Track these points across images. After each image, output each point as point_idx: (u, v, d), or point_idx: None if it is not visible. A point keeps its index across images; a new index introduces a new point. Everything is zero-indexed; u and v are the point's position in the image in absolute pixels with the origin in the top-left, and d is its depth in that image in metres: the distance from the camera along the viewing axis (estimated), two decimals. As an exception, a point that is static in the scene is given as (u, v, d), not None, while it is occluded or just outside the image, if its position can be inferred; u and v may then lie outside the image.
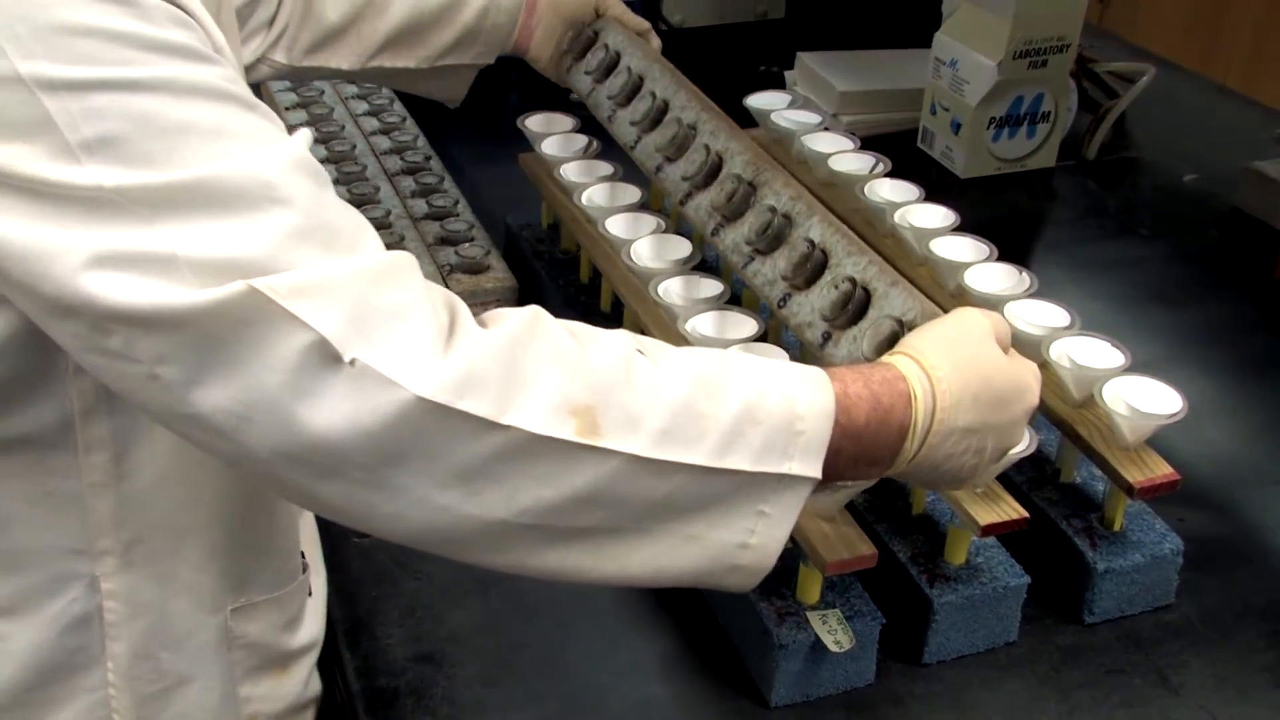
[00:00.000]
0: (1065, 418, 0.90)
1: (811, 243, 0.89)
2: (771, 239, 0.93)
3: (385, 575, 0.92)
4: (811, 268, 0.88)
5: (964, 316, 0.73)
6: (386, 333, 0.57)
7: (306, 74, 1.16)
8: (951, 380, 0.69)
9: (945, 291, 1.01)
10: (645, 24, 1.22)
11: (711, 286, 0.99)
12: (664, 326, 0.99)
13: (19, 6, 0.53)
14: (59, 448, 0.67)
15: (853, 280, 0.84)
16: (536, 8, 1.18)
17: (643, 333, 1.03)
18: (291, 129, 0.61)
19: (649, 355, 0.64)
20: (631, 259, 1.03)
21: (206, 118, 0.56)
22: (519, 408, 0.59)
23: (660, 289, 0.99)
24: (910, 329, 0.78)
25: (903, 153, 1.29)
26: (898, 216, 1.06)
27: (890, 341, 0.78)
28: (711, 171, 1.02)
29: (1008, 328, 0.75)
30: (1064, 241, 1.40)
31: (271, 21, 1.10)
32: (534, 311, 0.63)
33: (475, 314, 0.62)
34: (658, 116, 1.10)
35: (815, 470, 0.65)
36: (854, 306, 0.84)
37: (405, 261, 0.60)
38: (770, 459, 0.64)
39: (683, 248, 1.04)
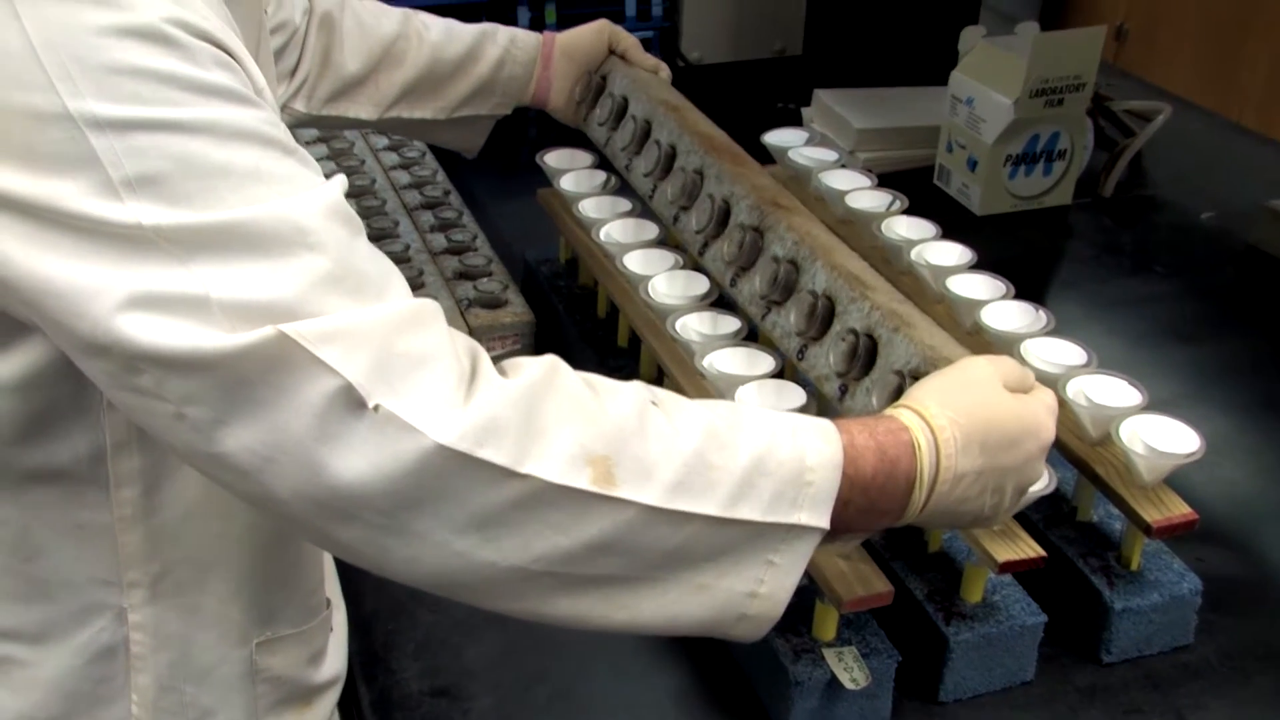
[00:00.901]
0: (1082, 456, 0.91)
1: (815, 294, 0.90)
2: (783, 289, 0.93)
3: (401, 609, 0.92)
4: (820, 319, 0.89)
5: (967, 364, 0.75)
6: (410, 380, 0.58)
7: (326, 123, 1.19)
8: (953, 428, 0.70)
9: (962, 329, 1.02)
10: (654, 61, 1.24)
11: (729, 323, 1.00)
12: (681, 363, 1.00)
13: (72, 47, 0.54)
14: (91, 481, 0.68)
15: (855, 332, 0.85)
16: (552, 59, 1.21)
17: (660, 369, 1.04)
18: (328, 174, 0.63)
19: (663, 407, 0.66)
20: (649, 295, 1.04)
21: (245, 160, 0.58)
22: (537, 457, 0.60)
23: (678, 325, 1.00)
24: (915, 377, 0.79)
25: (919, 190, 1.30)
26: (914, 254, 1.07)
27: (897, 394, 0.79)
28: (721, 219, 1.03)
29: (1019, 370, 0.76)
30: (1081, 279, 1.41)
31: (293, 71, 1.13)
32: (552, 361, 0.64)
33: (493, 351, 0.63)
34: (667, 164, 1.11)
35: (823, 521, 0.66)
36: (862, 357, 0.85)
37: (430, 309, 0.62)
38: (780, 510, 0.65)
39: (701, 284, 1.05)
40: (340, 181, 0.62)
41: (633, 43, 1.24)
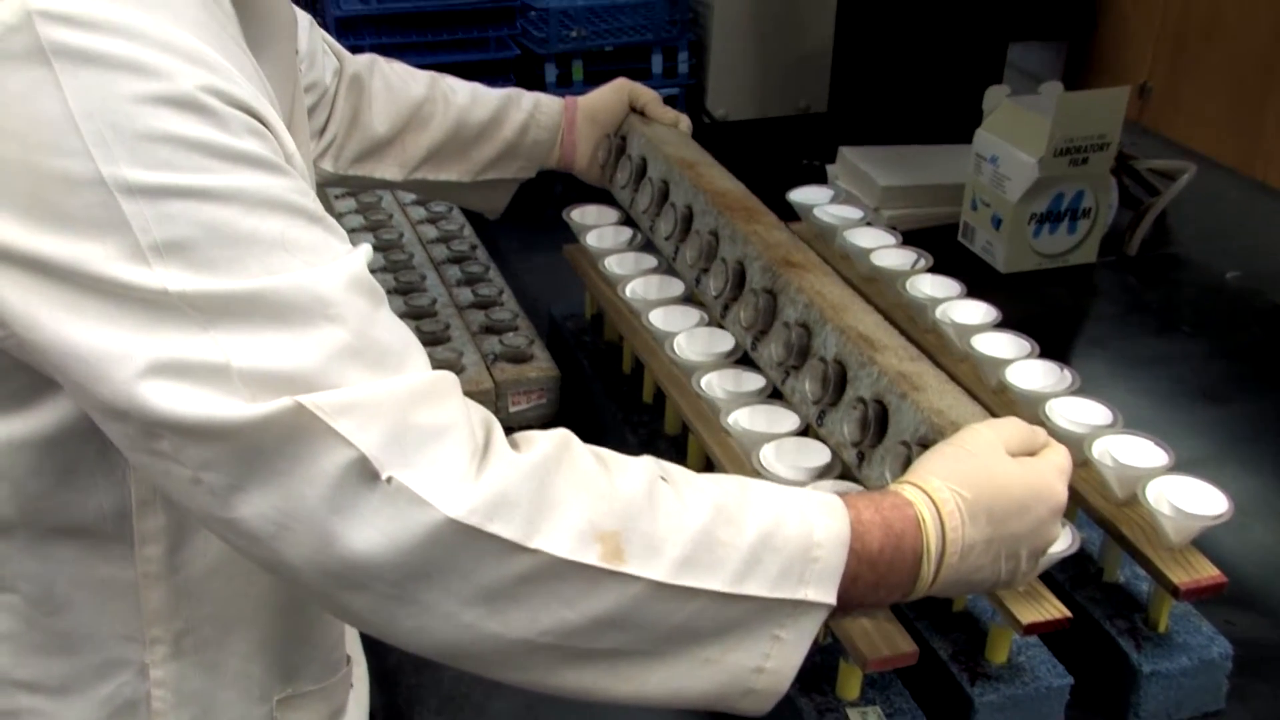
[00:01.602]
0: (1108, 517, 0.90)
1: (825, 361, 0.90)
2: (797, 353, 0.94)
3: (425, 663, 0.92)
4: (833, 385, 0.89)
5: (968, 434, 0.75)
6: (424, 453, 0.59)
7: (352, 183, 1.21)
8: (956, 500, 0.70)
9: (986, 388, 1.02)
10: (674, 115, 1.25)
11: (754, 380, 1.00)
12: (706, 420, 1.00)
13: (110, 114, 0.55)
14: (115, 537, 0.68)
15: (864, 400, 0.85)
16: (575, 123, 1.22)
17: (685, 425, 1.04)
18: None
19: (672, 483, 0.66)
20: (674, 352, 1.04)
21: (272, 229, 0.58)
22: (546, 532, 0.60)
23: (703, 382, 1.00)
24: (924, 445, 0.79)
25: (944, 247, 1.30)
26: (939, 312, 1.07)
27: (907, 464, 0.79)
28: (737, 282, 1.03)
29: (1023, 431, 0.76)
30: (1106, 338, 1.40)
31: (322, 131, 1.15)
32: (564, 436, 0.65)
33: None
34: (686, 225, 1.12)
35: (830, 596, 0.66)
36: (874, 425, 0.85)
37: (447, 381, 0.62)
38: (786, 585, 0.65)
39: (725, 341, 1.05)
40: (364, 251, 0.63)
41: (651, 97, 1.25)
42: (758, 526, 0.65)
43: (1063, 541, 0.78)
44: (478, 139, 1.19)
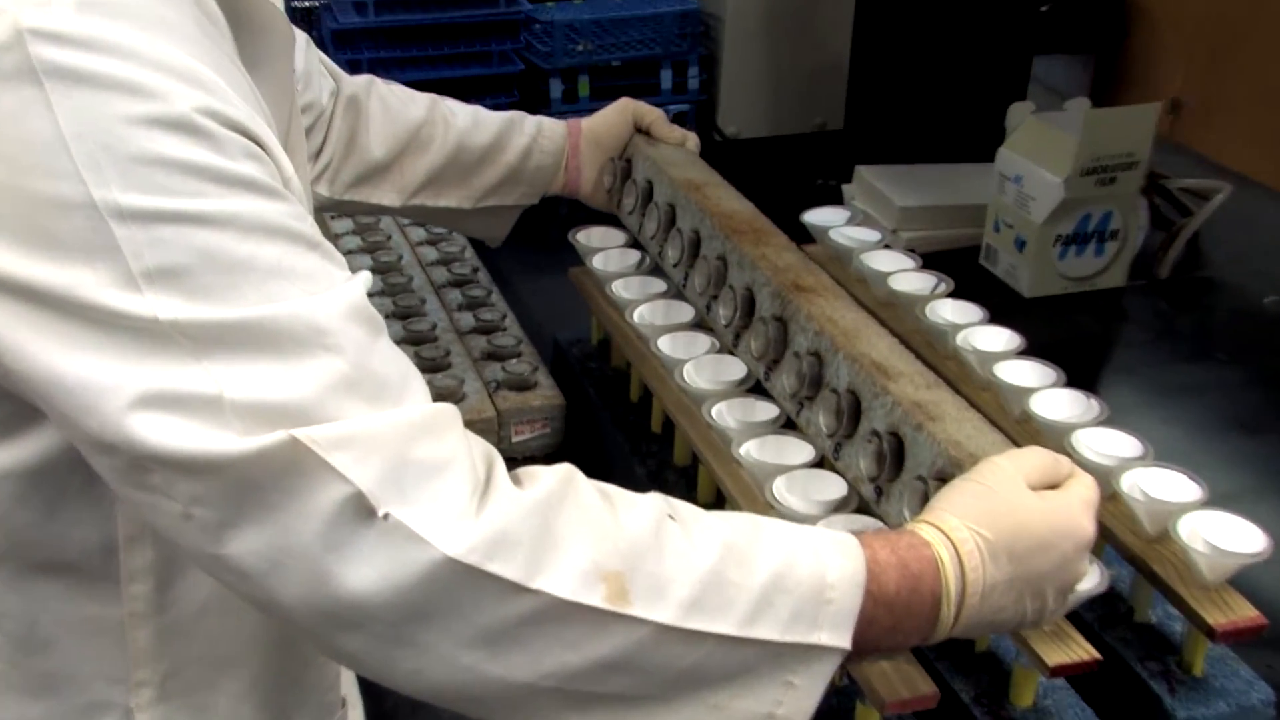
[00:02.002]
0: (1139, 553, 0.90)
1: (838, 392, 0.90)
2: (810, 384, 0.94)
3: (422, 706, 0.91)
4: (847, 416, 0.89)
5: (987, 468, 0.75)
6: (422, 489, 0.59)
7: (348, 208, 1.21)
8: (975, 540, 0.70)
9: (1010, 418, 1.02)
10: (680, 134, 1.25)
11: (767, 409, 1.00)
12: (717, 450, 1.00)
13: (102, 136, 0.56)
14: (101, 575, 0.69)
15: (879, 434, 0.86)
16: (580, 148, 1.23)
17: (694, 457, 1.04)
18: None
19: (680, 521, 0.66)
20: (684, 380, 1.05)
21: (268, 255, 0.59)
22: (549, 572, 0.61)
23: (714, 411, 1.00)
24: (942, 479, 0.79)
25: (965, 271, 1.30)
26: (960, 339, 1.07)
27: (924, 500, 0.79)
28: (746, 309, 1.03)
29: (1045, 462, 0.76)
30: (1136, 365, 1.40)
31: (318, 154, 1.15)
32: (568, 472, 0.65)
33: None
34: (694, 250, 1.12)
35: (845, 641, 0.66)
36: (890, 459, 0.85)
37: (448, 415, 0.63)
38: (799, 629, 0.65)
39: (737, 369, 1.05)
40: (364, 278, 0.64)
41: (657, 116, 1.26)
42: (769, 567, 0.65)
43: (1091, 579, 0.78)
44: (479, 164, 1.20)
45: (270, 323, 0.58)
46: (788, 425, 0.99)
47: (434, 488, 0.59)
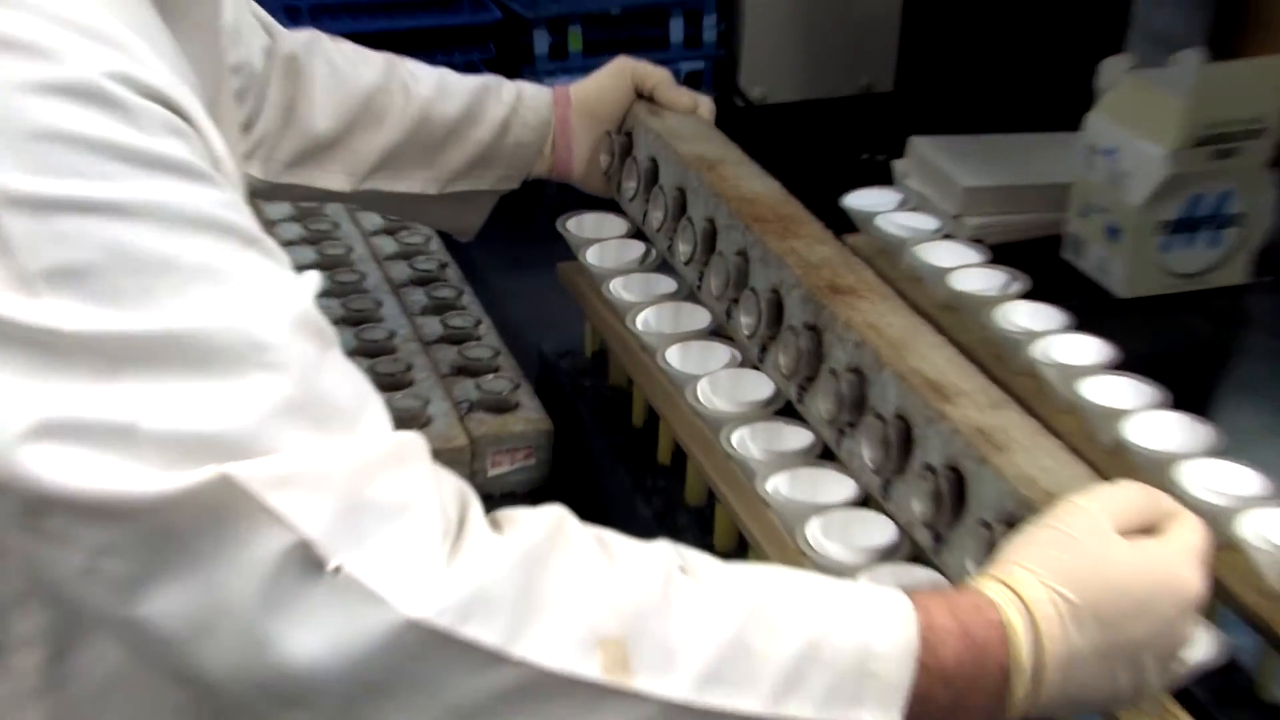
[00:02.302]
0: (1263, 615, 0.90)
1: (884, 418, 0.90)
2: (851, 407, 0.93)
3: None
4: (897, 448, 0.89)
5: (1066, 510, 0.74)
6: (380, 535, 0.60)
7: (287, 192, 1.20)
8: (1054, 600, 0.70)
9: (1098, 447, 1.02)
10: (690, 99, 1.25)
11: (799, 437, 1.01)
12: (738, 486, 1.00)
13: None
14: None
15: (932, 468, 0.85)
16: (569, 120, 1.22)
17: (710, 494, 1.05)
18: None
19: (693, 574, 0.67)
20: (698, 400, 1.05)
21: (193, 253, 0.59)
22: (534, 637, 0.61)
23: (734, 438, 1.00)
24: (1010, 524, 0.78)
25: (1044, 266, 1.30)
26: (1037, 350, 1.08)
27: (990, 548, 0.79)
28: (773, 316, 1.03)
29: (1140, 501, 0.75)
30: (1260, 382, 1.40)
31: (249, 126, 1.13)
32: (557, 516, 0.66)
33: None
34: (709, 244, 1.12)
35: (894, 719, 0.67)
36: (949, 499, 0.84)
37: (412, 446, 0.63)
38: (837, 705, 0.66)
39: (763, 387, 1.05)
40: (312, 280, 0.64)
41: (662, 78, 1.25)
42: (802, 632, 0.66)
43: (1200, 646, 0.78)
44: (446, 140, 1.20)
45: (197, 335, 0.58)
46: (824, 455, 0.99)
47: (394, 533, 0.60)
